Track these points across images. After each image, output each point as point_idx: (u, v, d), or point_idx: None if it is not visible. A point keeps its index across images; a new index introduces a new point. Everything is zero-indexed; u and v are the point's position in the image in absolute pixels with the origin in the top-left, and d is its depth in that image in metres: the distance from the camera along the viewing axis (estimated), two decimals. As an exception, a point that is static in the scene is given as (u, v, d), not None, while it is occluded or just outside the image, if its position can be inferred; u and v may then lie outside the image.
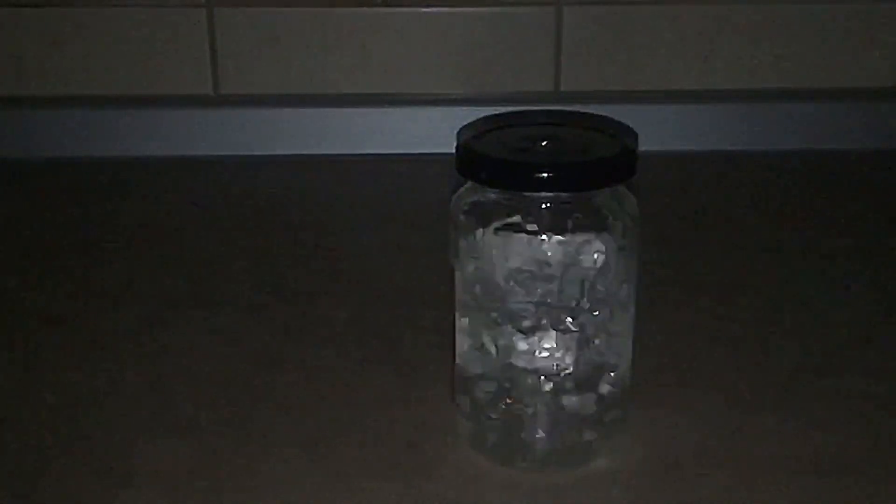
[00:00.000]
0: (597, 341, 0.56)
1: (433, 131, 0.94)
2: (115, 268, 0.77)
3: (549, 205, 0.54)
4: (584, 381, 0.57)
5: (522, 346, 0.56)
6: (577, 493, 0.54)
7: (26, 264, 0.78)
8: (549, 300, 0.55)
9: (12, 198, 0.89)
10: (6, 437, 0.58)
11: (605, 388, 0.57)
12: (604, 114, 0.59)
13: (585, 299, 0.55)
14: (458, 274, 0.57)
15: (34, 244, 0.81)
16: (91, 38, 0.96)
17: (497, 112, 0.59)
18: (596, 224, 0.55)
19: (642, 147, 0.56)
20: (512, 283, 0.55)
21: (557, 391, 0.56)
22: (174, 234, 0.82)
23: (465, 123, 0.58)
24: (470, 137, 0.56)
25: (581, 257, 0.55)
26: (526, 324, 0.55)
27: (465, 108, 0.89)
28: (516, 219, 0.54)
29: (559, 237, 0.54)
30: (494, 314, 0.56)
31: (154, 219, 0.85)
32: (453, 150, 0.55)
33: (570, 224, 0.54)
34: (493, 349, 0.57)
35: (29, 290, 0.74)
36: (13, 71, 0.96)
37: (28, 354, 0.66)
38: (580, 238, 0.55)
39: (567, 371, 0.56)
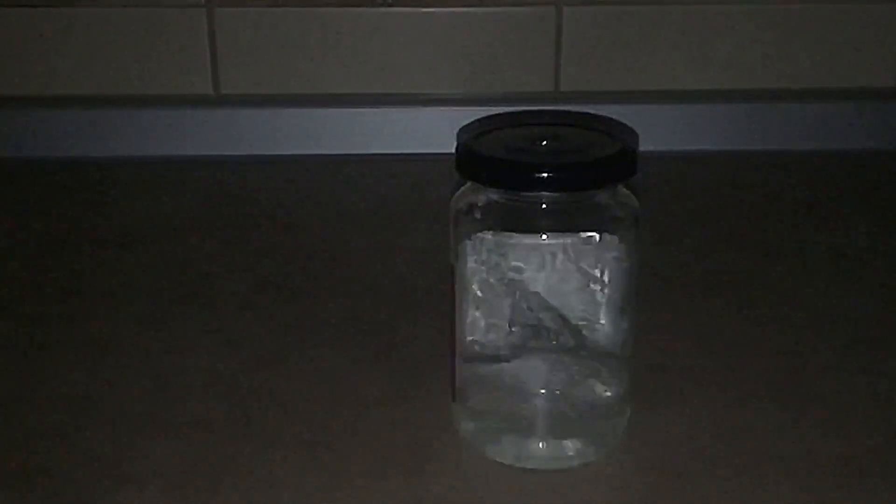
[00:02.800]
0: (596, 341, 0.56)
1: (433, 131, 0.94)
2: (116, 268, 0.77)
3: (548, 205, 0.54)
4: (584, 380, 0.57)
5: (522, 345, 0.56)
6: (578, 493, 0.54)
7: (26, 264, 0.78)
8: (548, 300, 0.55)
9: (12, 198, 0.89)
10: (6, 437, 0.58)
11: (604, 388, 0.57)
12: (604, 114, 0.59)
13: (585, 298, 0.55)
14: (457, 274, 0.57)
15: (34, 244, 0.81)
16: (91, 38, 0.96)
17: (497, 112, 0.59)
18: (596, 224, 0.55)
19: (642, 147, 0.56)
20: (511, 283, 0.55)
21: (557, 390, 0.56)
22: (174, 234, 0.82)
23: (465, 123, 0.58)
24: (470, 137, 0.56)
25: (581, 257, 0.55)
26: (525, 323, 0.55)
27: (465, 108, 0.89)
28: (515, 219, 0.54)
29: (559, 237, 0.54)
30: (494, 313, 0.56)
31: (154, 219, 0.85)
32: (453, 150, 0.55)
33: (569, 224, 0.54)
34: (492, 348, 0.57)
35: (28, 290, 0.74)
36: (13, 71, 0.96)
37: (28, 354, 0.66)
38: (580, 238, 0.55)
39: (567, 370, 0.56)
